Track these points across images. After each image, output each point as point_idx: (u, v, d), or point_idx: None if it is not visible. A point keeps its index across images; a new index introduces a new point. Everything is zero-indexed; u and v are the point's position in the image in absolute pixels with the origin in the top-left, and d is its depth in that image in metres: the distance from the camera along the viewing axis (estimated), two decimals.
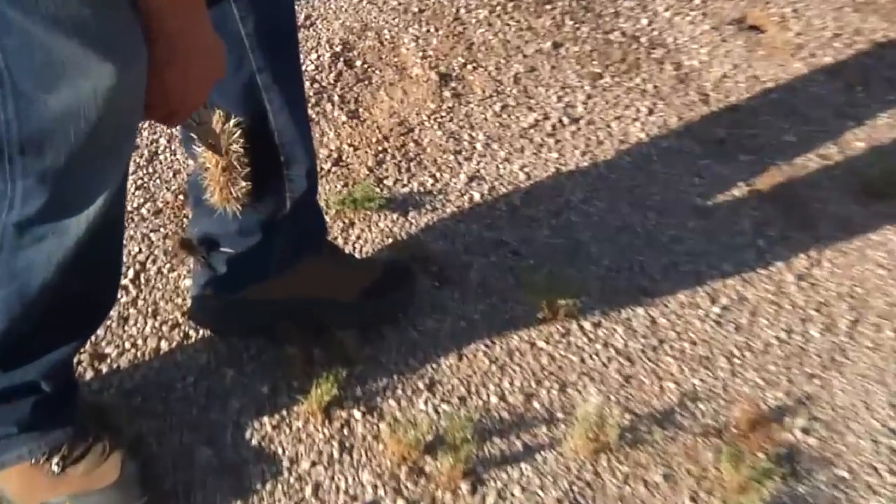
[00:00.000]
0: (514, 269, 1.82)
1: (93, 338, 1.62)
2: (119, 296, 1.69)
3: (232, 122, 1.31)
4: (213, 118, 1.30)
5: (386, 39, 2.40)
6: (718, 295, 1.79)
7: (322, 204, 1.87)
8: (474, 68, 2.33)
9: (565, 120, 2.19)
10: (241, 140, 1.33)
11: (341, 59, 2.30)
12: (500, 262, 1.85)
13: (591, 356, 1.69)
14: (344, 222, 1.91)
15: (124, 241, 1.57)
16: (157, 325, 1.65)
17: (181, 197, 1.96)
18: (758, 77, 2.28)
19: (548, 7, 2.48)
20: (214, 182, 1.38)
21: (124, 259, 1.74)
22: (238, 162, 1.34)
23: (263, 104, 1.33)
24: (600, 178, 2.08)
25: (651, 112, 2.21)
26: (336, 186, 2.01)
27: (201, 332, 1.65)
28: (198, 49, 1.04)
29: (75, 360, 1.51)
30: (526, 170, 2.07)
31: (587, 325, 1.72)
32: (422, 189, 1.99)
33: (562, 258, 1.85)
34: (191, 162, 1.70)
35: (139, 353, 1.61)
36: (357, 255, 1.86)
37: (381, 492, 1.44)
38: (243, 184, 1.37)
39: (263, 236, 1.49)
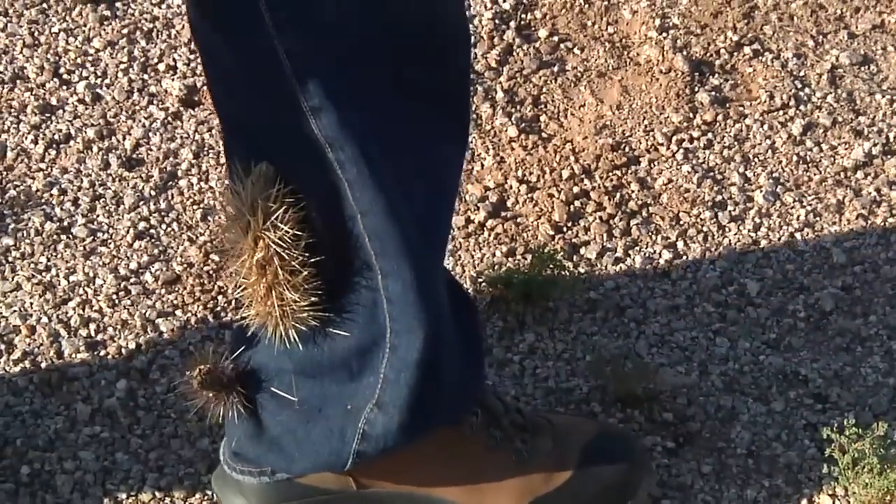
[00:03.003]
0: (815, 429, 1.70)
1: (51, 499, 1.60)
2: (97, 429, 1.64)
3: (275, 189, 1.33)
4: (250, 178, 1.32)
5: None
6: None
7: (466, 285, 1.84)
8: (756, 53, 2.25)
9: None
10: (293, 223, 1.35)
11: (512, 22, 2.29)
12: (791, 414, 1.72)
13: None
14: (505, 321, 1.80)
15: (110, 332, 1.74)
16: (162, 483, 1.60)
17: (215, 257, 1.84)
18: None
19: None
20: (250, 287, 1.39)
21: (108, 362, 1.72)
22: (287, 257, 1.36)
23: (334, 171, 1.32)
24: None
25: None
26: (492, 254, 1.90)
27: None
28: None
29: None
30: (847, 245, 1.93)
31: None
32: (650, 268, 1.90)
33: None
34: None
35: None
36: (522, 393, 1.73)
37: None
38: (294, 295, 1.38)
39: (344, 383, 1.46)
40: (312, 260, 1.35)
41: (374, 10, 1.29)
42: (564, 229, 1.93)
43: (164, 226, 1.90)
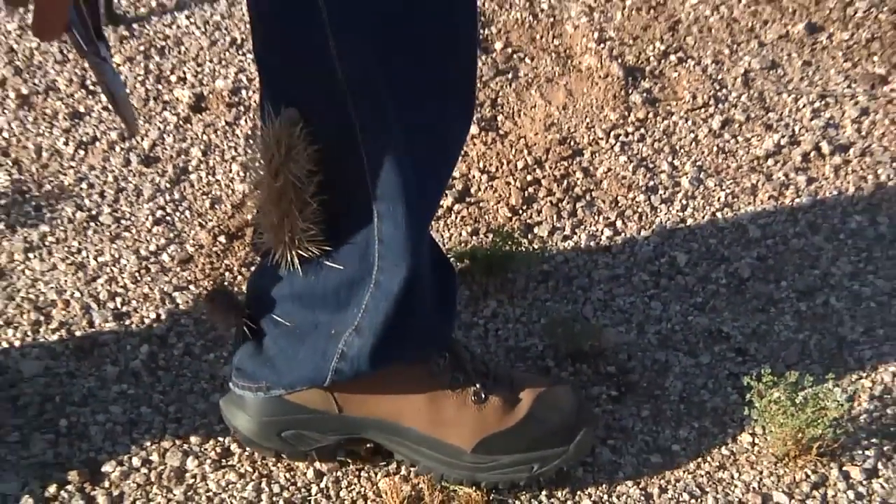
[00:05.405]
0: (737, 378, 1.68)
1: (86, 447, 1.56)
2: (124, 387, 1.61)
3: (298, 128, 1.28)
4: (279, 119, 1.29)
5: (543, 11, 2.24)
6: None
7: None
8: (680, 60, 2.21)
9: (825, 147, 2.04)
10: (309, 160, 1.30)
11: None
12: (716, 366, 1.69)
13: None
14: (471, 291, 1.77)
15: (134, 305, 1.70)
16: (180, 432, 1.58)
17: (222, 239, 1.82)
18: None
19: None
20: (267, 214, 1.34)
21: (133, 330, 1.68)
22: (301, 189, 1.31)
23: (349, 114, 1.27)
24: (879, 240, 1.82)
25: None
26: (459, 233, 1.87)
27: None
28: None
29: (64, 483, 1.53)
30: (760, 222, 1.89)
31: (856, 475, 1.55)
32: (594, 244, 1.86)
33: (816, 365, 1.69)
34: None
35: (153, 474, 1.54)
36: (486, 351, 1.66)
37: None
38: (303, 224, 1.33)
39: (332, 312, 1.42)
40: (320, 197, 1.32)
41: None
42: (520, 212, 1.90)
43: (178, 213, 1.90)
